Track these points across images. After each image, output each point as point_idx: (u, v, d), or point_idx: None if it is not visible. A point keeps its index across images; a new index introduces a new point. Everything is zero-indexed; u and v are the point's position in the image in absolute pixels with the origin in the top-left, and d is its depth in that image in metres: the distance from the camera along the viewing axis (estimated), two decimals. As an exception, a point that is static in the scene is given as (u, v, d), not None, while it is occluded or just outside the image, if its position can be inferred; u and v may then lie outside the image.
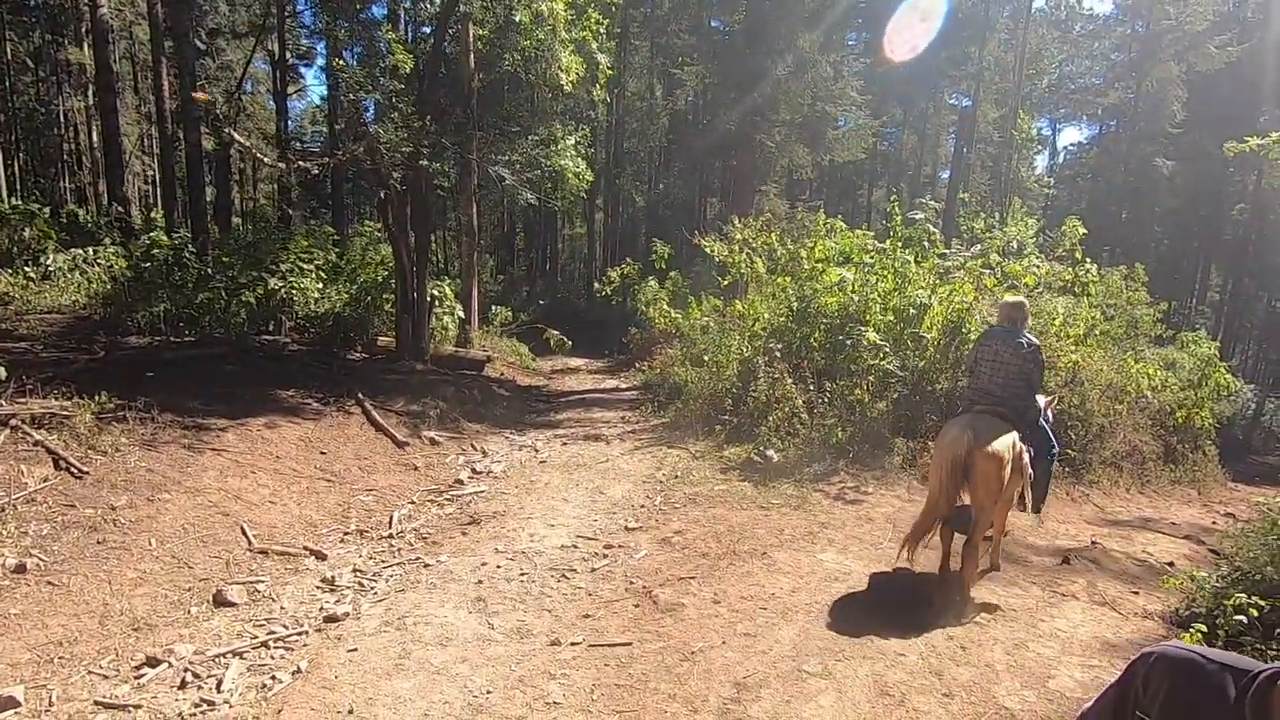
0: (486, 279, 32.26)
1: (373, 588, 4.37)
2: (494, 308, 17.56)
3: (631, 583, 4.45)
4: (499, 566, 4.65)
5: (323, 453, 6.81)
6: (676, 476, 6.99)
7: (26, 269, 12.24)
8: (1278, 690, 1.06)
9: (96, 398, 5.90)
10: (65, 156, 35.34)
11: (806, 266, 9.82)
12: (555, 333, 16.46)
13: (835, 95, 15.06)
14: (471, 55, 11.81)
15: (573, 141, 9.67)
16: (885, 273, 8.88)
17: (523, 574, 4.55)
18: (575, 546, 5.07)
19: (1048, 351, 8.80)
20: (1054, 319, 9.17)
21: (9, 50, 31.92)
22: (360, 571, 4.62)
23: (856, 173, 35.63)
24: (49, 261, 11.85)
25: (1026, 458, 4.18)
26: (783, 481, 6.71)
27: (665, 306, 16.17)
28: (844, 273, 9.08)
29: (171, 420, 6.36)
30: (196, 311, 10.44)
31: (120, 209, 16.65)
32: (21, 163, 33.42)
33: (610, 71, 9.91)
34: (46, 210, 17.89)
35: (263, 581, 4.37)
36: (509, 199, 11.30)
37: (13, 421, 4.98)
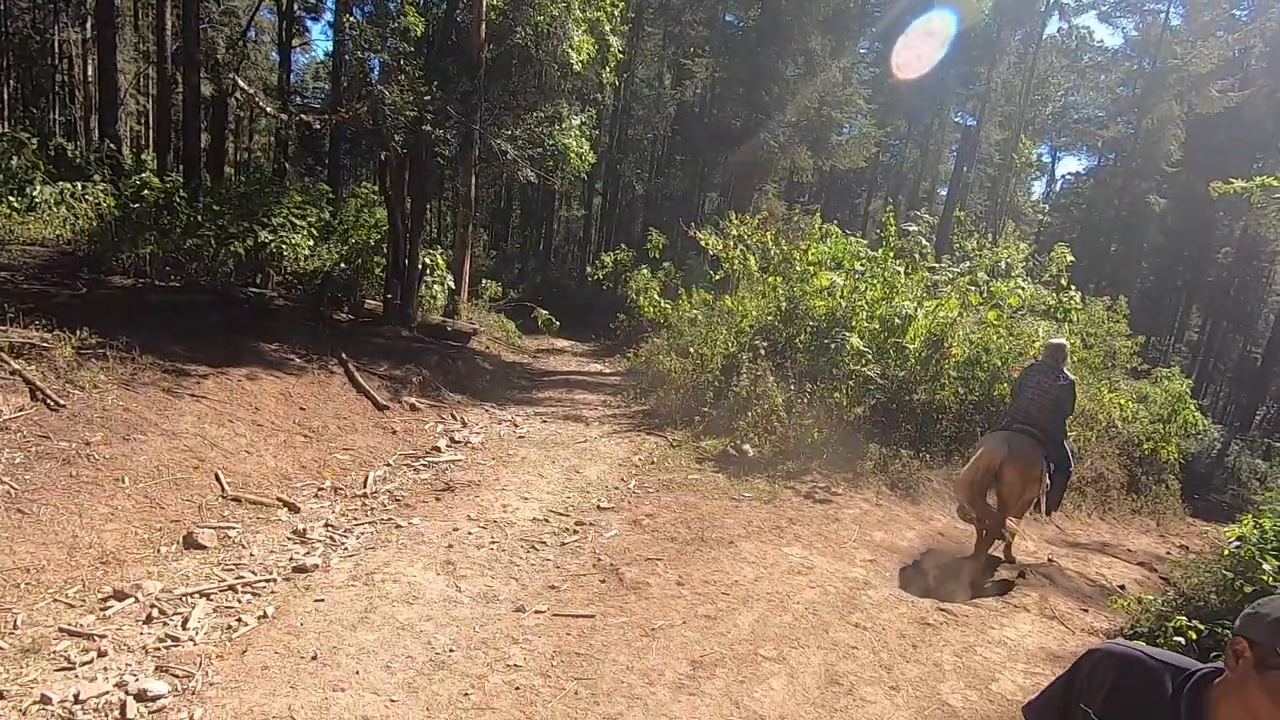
0: (479, 252, 32.08)
1: (343, 543, 4.41)
2: (484, 281, 17.51)
3: (599, 559, 4.53)
4: (470, 533, 4.71)
5: (302, 408, 6.81)
6: (652, 463, 7.08)
7: (11, 199, 12.02)
8: (1212, 688, 1.13)
9: (77, 332, 5.85)
10: (57, 88, 34.53)
11: (799, 268, 9.92)
12: (544, 312, 16.46)
13: (842, 101, 15.12)
14: (483, 26, 11.70)
15: (578, 122, 9.66)
16: (875, 281, 9.00)
17: (493, 542, 4.61)
18: (547, 520, 5.14)
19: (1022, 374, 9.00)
20: (1033, 341, 9.35)
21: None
22: (332, 527, 4.65)
23: (857, 180, 35.82)
24: (35, 193, 11.64)
25: (1046, 474, 5.05)
26: (756, 476, 6.82)
27: (656, 296, 16.23)
28: (835, 277, 9.19)
29: (152, 363, 6.33)
30: (184, 257, 10.32)
31: (112, 146, 16.35)
32: (11, 90, 32.61)
33: (621, 55, 9.89)
34: (35, 141, 17.56)
35: (234, 528, 4.40)
36: (509, 174, 11.25)
37: (-9, 348, 4.94)
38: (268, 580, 3.80)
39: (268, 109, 8.72)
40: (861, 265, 9.34)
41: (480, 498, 5.47)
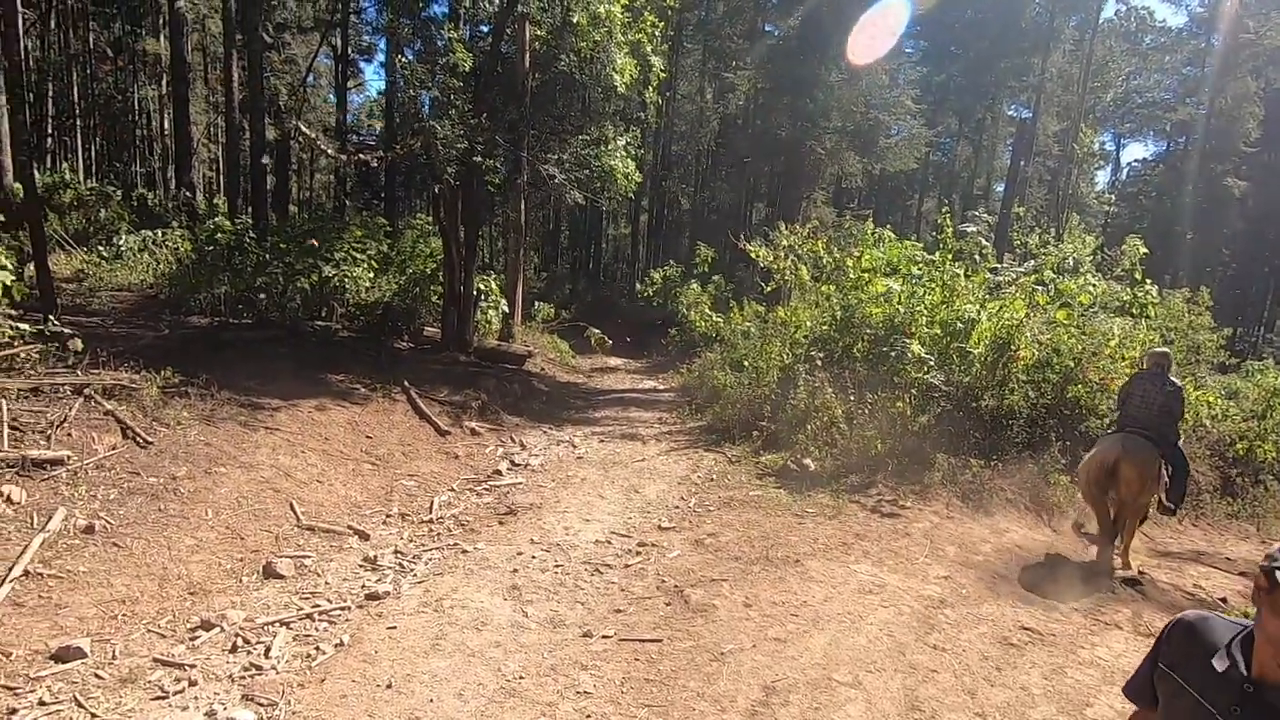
0: (530, 275, 32.68)
1: (412, 569, 4.50)
2: (536, 304, 17.80)
3: (664, 581, 4.49)
4: (534, 557, 4.74)
5: (369, 436, 7.02)
6: (712, 480, 7.01)
7: (100, 248, 12.91)
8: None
9: (161, 372, 6.19)
10: (138, 142, 37.10)
11: (852, 276, 9.72)
12: (596, 331, 16.60)
13: (889, 103, 14.83)
14: (527, 55, 12.01)
15: (623, 142, 9.76)
16: (933, 285, 8.74)
17: (557, 566, 4.63)
18: (609, 542, 5.13)
19: (1099, 374, 8.57)
20: (1109, 340, 8.89)
21: (91, 39, 33.60)
22: (401, 553, 4.76)
23: (907, 182, 35.03)
24: (120, 242, 12.46)
25: (1164, 471, 5.17)
26: (818, 491, 6.67)
27: (707, 310, 16.18)
28: (891, 283, 8.96)
29: (229, 398, 6.64)
30: (254, 295, 10.84)
31: (187, 194, 17.41)
32: (98, 147, 35.17)
33: (663, 74, 9.96)
34: (119, 193, 18.81)
35: (309, 557, 4.55)
36: (557, 197, 11.46)
37: (86, 391, 5.27)
38: (342, 608, 3.91)
39: (328, 150, 9.13)
40: (918, 269, 9.09)
41: (542, 520, 5.51)
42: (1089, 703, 3.50)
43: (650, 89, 9.84)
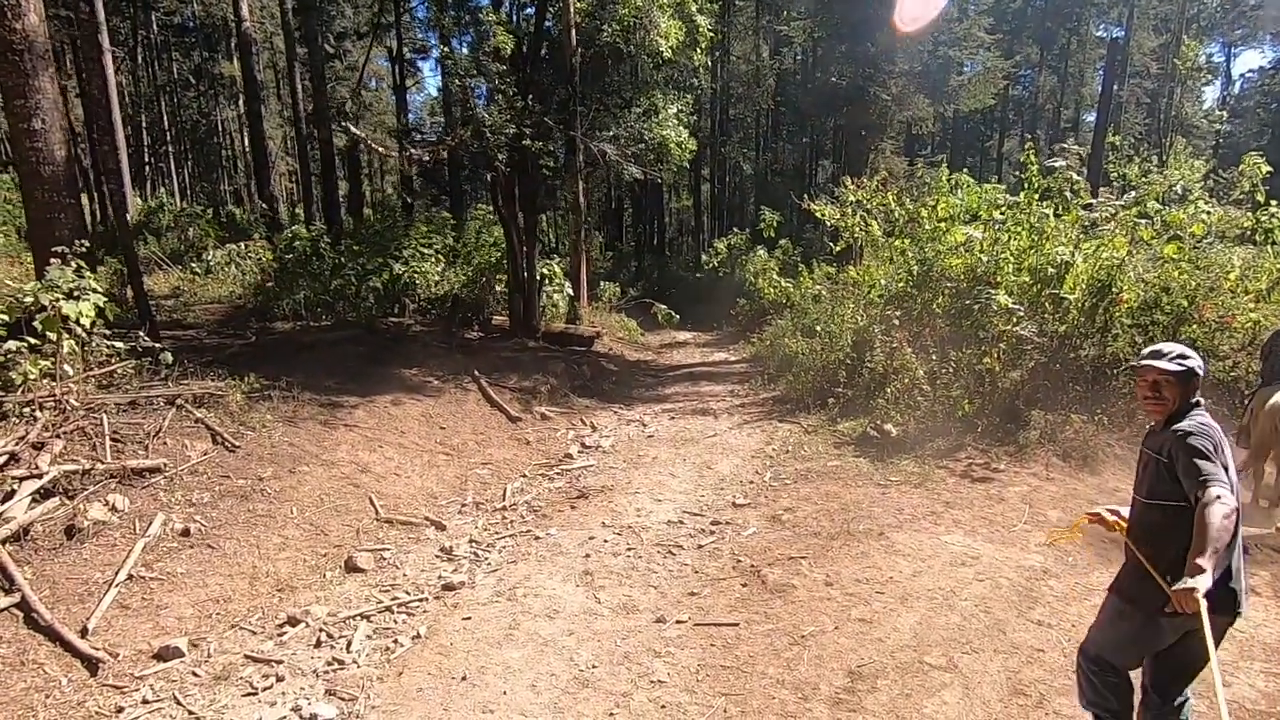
0: (595, 256, 32.73)
1: (486, 558, 4.53)
2: (602, 284, 17.77)
3: (739, 561, 4.34)
4: (605, 541, 4.68)
5: (442, 428, 7.15)
6: (787, 451, 6.77)
7: (193, 265, 13.74)
8: None
9: (246, 379, 6.48)
10: (224, 162, 39.43)
11: (928, 227, 9.12)
12: (663, 307, 16.42)
13: (960, 37, 13.74)
14: (573, 32, 11.81)
15: (674, 110, 9.45)
16: (1019, 229, 8.06)
17: (629, 549, 4.55)
18: (682, 522, 5.01)
19: (1218, 311, 7.73)
20: (1228, 272, 7.99)
21: (175, 69, 35.73)
22: (475, 542, 4.80)
23: (985, 122, 32.83)
24: (209, 257, 13.21)
25: None
26: (902, 457, 6.31)
27: (775, 276, 15.70)
28: (971, 231, 8.34)
29: (310, 398, 6.90)
30: (331, 297, 11.27)
31: (266, 206, 18.29)
32: (190, 170, 37.59)
33: (711, 34, 9.54)
34: (209, 211, 19.99)
35: (388, 549, 4.65)
36: (615, 175, 11.29)
37: (178, 401, 5.57)
38: (420, 600, 3.96)
39: (381, 149, 9.27)
40: (1001, 214, 8.40)
41: (614, 503, 5.45)
42: (1226, 683, 3.11)
43: (699, 51, 9.45)
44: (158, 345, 5.96)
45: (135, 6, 29.42)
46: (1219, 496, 2.00)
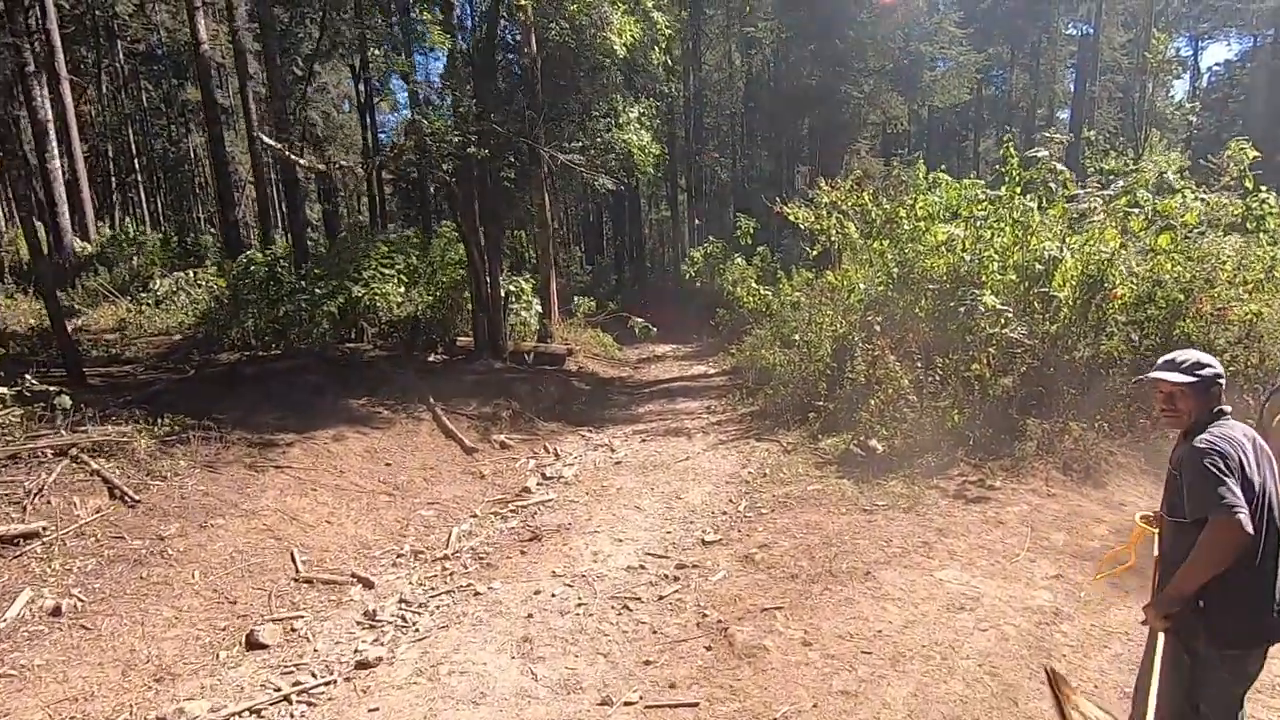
0: (576, 269, 32.25)
1: (415, 623, 3.91)
2: (576, 298, 17.22)
3: (705, 615, 3.75)
4: (554, 595, 4.08)
5: (388, 464, 6.53)
6: (765, 475, 6.20)
7: (142, 295, 13.03)
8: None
9: (162, 420, 5.85)
10: (196, 189, 38.60)
11: (907, 227, 8.65)
12: (639, 320, 15.83)
13: (930, 32, 13.39)
14: (533, 38, 11.32)
15: (636, 114, 8.94)
16: (1002, 225, 7.59)
17: (579, 604, 3.95)
18: (643, 568, 4.42)
19: (1215, 303, 7.29)
20: (1223, 263, 7.55)
21: (144, 98, 34.95)
22: (406, 602, 4.18)
23: (960, 121, 32.73)
24: (156, 286, 12.51)
25: None
26: (889, 477, 5.77)
27: (753, 284, 15.19)
28: (952, 229, 7.87)
29: (239, 438, 6.26)
30: (280, 324, 10.63)
31: (231, 232, 17.59)
32: (162, 198, 36.73)
33: (670, 32, 9.08)
34: (165, 238, 19.28)
35: (302, 617, 4.02)
36: (585, 186, 10.78)
37: (72, 451, 4.93)
38: (327, 683, 3.34)
39: (301, 161, 8.67)
40: (982, 210, 7.93)
41: (569, 546, 4.85)
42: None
43: (658, 50, 8.96)
44: (54, 389, 5.32)
45: (99, 35, 28.74)
46: (1219, 522, 1.88)
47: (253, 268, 12.12)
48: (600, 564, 4.49)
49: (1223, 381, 2.14)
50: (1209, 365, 2.13)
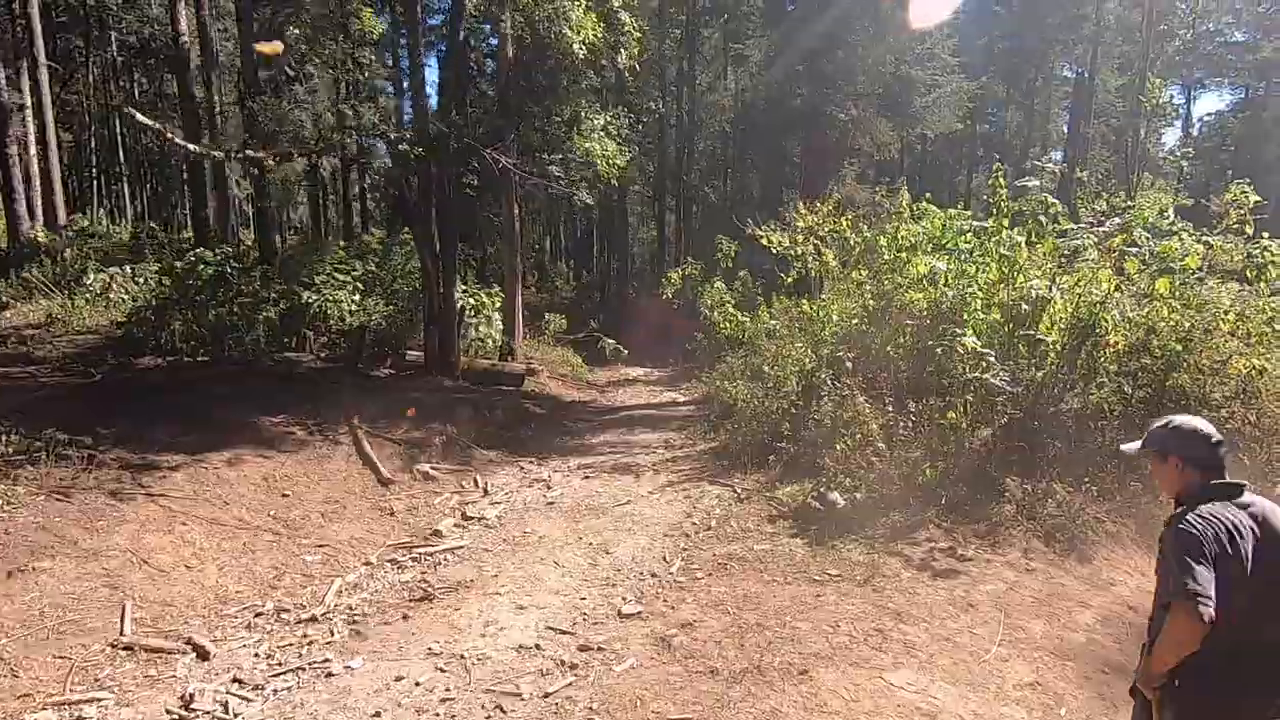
0: (561, 285, 31.58)
1: (239, 715, 3.14)
2: (548, 315, 16.51)
3: (595, 724, 3.00)
4: (418, 684, 3.31)
5: (285, 495, 5.76)
6: (709, 528, 5.47)
7: (76, 289, 12.22)
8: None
9: (10, 436, 5.06)
10: (182, 184, 37.69)
11: (887, 257, 8.03)
12: (611, 341, 15.21)
13: (922, 57, 12.92)
14: (509, 44, 10.73)
15: (601, 122, 8.31)
16: (988, 260, 6.97)
17: (444, 700, 3.19)
18: (538, 647, 3.66)
19: (1213, 355, 6.72)
20: (1225, 313, 6.96)
21: (135, 90, 34.17)
22: (240, 682, 3.40)
23: (952, 155, 32.57)
24: (90, 281, 11.71)
25: None
26: (847, 539, 5.05)
27: (730, 309, 14.57)
28: (934, 262, 7.25)
29: (116, 458, 5.50)
30: (207, 330, 9.87)
31: (198, 228, 16.80)
32: (147, 192, 35.82)
33: (639, 34, 8.49)
34: (129, 231, 18.46)
35: (100, 701, 3.23)
36: (562, 199, 10.19)
37: (-126, 471, 4.15)
38: (84, 806, 2.56)
39: (192, 146, 7.96)
40: (968, 243, 7.32)
41: (461, 611, 4.08)
42: None
43: (624, 54, 8.36)
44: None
45: (89, 24, 28.07)
46: (1179, 608, 1.85)
47: (200, 266, 11.40)
48: (489, 639, 3.73)
49: (1186, 449, 2.02)
50: (1162, 429, 2.08)
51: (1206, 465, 2.00)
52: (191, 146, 7.65)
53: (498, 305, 12.34)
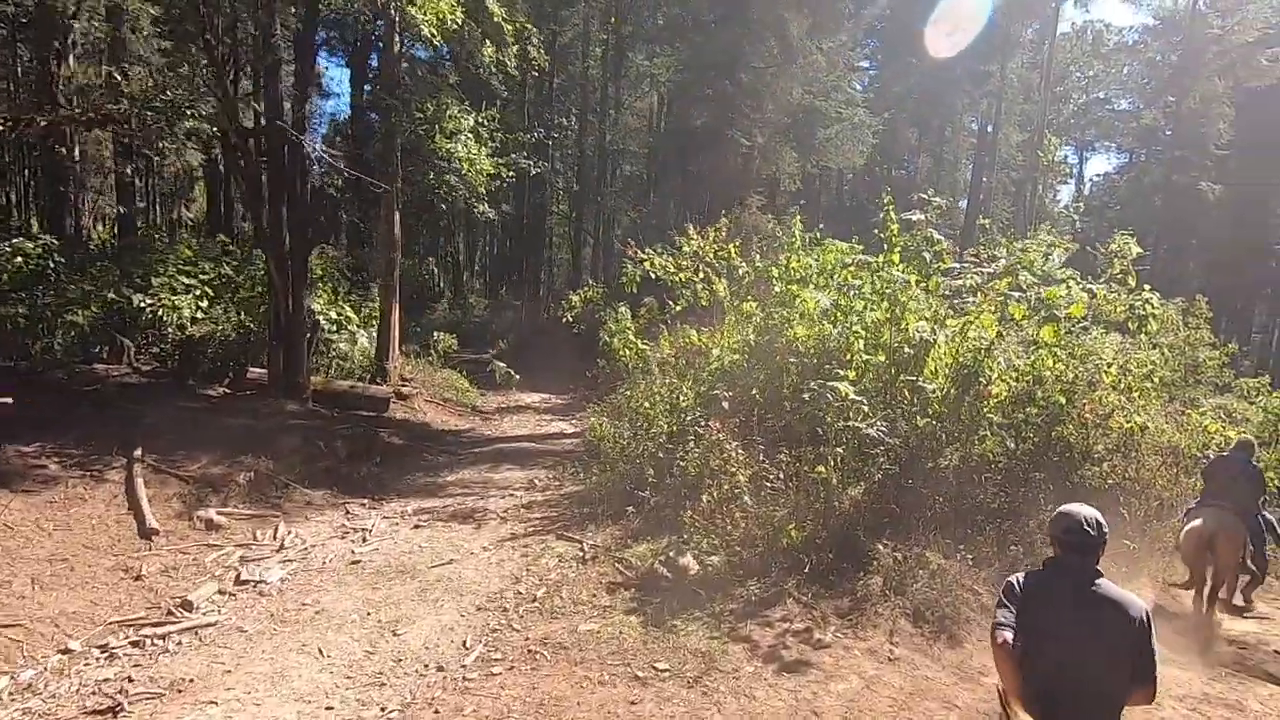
0: (475, 303, 30.24)
1: None
2: (436, 334, 15.32)
3: None
4: None
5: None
6: (536, 599, 4.56)
7: None
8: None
9: None
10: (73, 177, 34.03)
11: (778, 289, 7.46)
12: (501, 364, 14.21)
13: (829, 88, 12.75)
14: (396, 35, 9.74)
15: (469, 124, 7.44)
16: (877, 298, 6.46)
17: None
18: (221, 798, 2.65)
19: (1096, 409, 6.43)
20: (1106, 366, 6.70)
21: (19, 69, 30.70)
22: None
23: (869, 197, 33.38)
24: None
25: (1248, 543, 5.35)
26: (692, 615, 4.27)
27: (631, 337, 13.86)
28: (821, 297, 6.70)
29: None
30: (6, 333, 8.33)
31: (51, 218, 14.81)
32: (26, 181, 32.16)
33: (513, 25, 7.71)
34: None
35: None
36: (466, 212, 9.19)
37: None
38: None
39: None
40: (856, 277, 6.80)
41: (147, 732, 3.02)
42: None
43: (490, 46, 7.52)
44: None
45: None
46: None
47: (18, 259, 9.80)
48: (158, 784, 2.69)
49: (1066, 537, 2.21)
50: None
51: (1058, 547, 2.27)
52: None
53: (366, 320, 11.14)
